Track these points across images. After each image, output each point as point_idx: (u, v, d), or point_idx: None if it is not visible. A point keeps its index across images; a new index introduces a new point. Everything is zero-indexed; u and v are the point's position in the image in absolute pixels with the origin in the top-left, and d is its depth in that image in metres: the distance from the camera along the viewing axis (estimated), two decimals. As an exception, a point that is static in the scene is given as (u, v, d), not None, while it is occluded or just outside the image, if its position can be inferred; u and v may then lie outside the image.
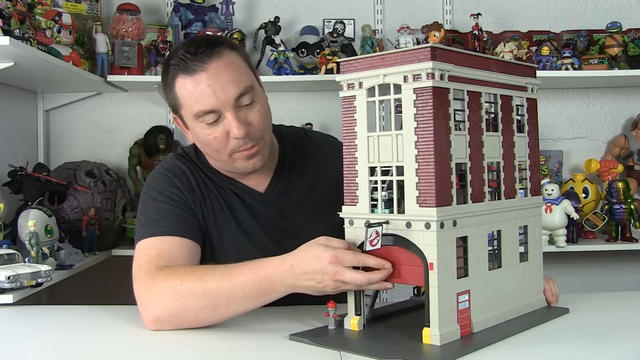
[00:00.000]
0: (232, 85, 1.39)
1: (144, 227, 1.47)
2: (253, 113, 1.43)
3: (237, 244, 1.52)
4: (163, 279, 1.31)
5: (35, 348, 1.22)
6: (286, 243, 1.39)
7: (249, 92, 1.42)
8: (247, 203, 1.55)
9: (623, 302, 1.55)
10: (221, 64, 1.40)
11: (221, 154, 1.45)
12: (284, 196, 1.58)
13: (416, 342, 1.11)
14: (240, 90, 1.40)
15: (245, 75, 1.44)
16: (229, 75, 1.40)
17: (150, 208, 1.49)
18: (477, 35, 2.63)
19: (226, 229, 1.52)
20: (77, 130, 2.84)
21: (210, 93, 1.38)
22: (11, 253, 1.64)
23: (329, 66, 2.56)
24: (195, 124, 1.43)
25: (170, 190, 1.50)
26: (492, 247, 1.24)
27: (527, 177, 1.34)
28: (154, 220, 1.46)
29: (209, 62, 1.38)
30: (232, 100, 1.39)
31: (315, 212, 1.57)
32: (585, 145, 2.94)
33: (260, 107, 1.45)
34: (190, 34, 2.70)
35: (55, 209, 2.22)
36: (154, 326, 1.30)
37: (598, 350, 1.14)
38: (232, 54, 1.44)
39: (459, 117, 1.16)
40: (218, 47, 1.41)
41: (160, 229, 1.44)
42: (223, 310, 1.27)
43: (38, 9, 2.15)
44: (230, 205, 1.54)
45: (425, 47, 1.10)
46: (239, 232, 1.52)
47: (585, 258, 2.86)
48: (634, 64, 2.62)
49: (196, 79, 1.38)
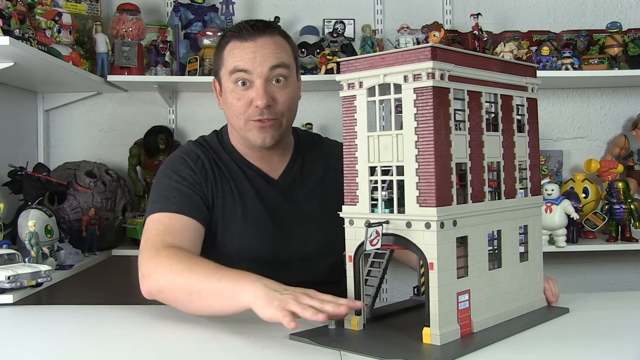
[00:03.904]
0: (272, 56, 1.53)
1: (155, 203, 1.54)
2: (281, 92, 1.55)
3: (242, 226, 1.58)
4: (164, 255, 1.39)
5: (35, 348, 1.22)
6: (294, 230, 1.57)
7: (284, 68, 1.55)
8: (258, 188, 1.63)
9: (623, 302, 1.56)
10: (270, 40, 1.55)
11: (239, 119, 1.56)
12: (296, 185, 1.67)
13: (416, 342, 1.11)
14: (277, 62, 1.53)
15: (287, 55, 1.57)
16: (272, 48, 1.54)
17: (163, 186, 1.57)
18: (477, 35, 2.63)
19: (233, 210, 1.59)
20: (77, 130, 2.84)
21: (251, 57, 1.53)
22: (11, 253, 1.64)
23: (329, 66, 2.56)
24: (229, 84, 1.56)
25: (184, 172, 1.58)
26: (492, 247, 1.24)
27: (527, 177, 1.34)
28: (164, 198, 1.54)
29: (259, 36, 1.55)
30: (267, 70, 1.52)
31: (323, 207, 1.63)
32: (585, 145, 2.94)
33: (290, 91, 1.57)
34: (190, 34, 2.70)
35: (55, 209, 2.22)
36: (147, 296, 1.39)
37: (598, 350, 1.14)
38: (282, 39, 1.59)
39: (459, 116, 1.16)
40: (272, 29, 1.58)
41: (169, 206, 1.52)
42: (195, 298, 1.30)
43: (38, 9, 2.15)
44: (241, 189, 1.61)
45: (426, 47, 1.10)
46: (245, 215, 1.59)
47: (585, 258, 2.86)
48: (634, 64, 2.62)
49: (245, 45, 1.54)
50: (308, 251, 1.63)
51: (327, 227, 1.35)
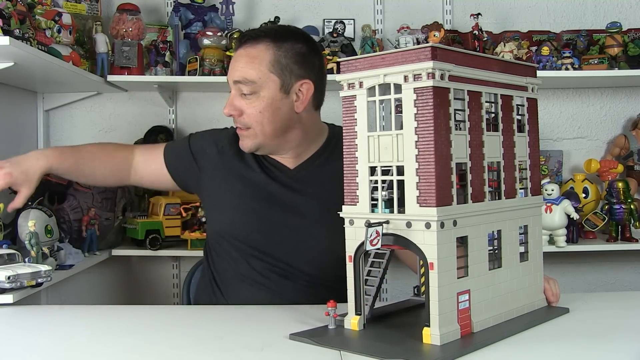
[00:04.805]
0: (238, 71, 1.63)
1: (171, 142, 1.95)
2: (247, 104, 1.63)
3: (237, 202, 1.71)
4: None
5: (35, 348, 1.22)
6: (292, 219, 1.66)
7: (247, 85, 1.61)
8: (268, 173, 1.72)
9: (623, 302, 1.56)
10: (244, 52, 1.64)
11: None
12: (312, 178, 1.72)
13: (416, 342, 1.11)
14: (238, 78, 1.62)
15: (254, 70, 1.61)
16: (243, 62, 1.63)
17: (183, 138, 1.88)
18: (477, 35, 2.63)
19: (229, 191, 1.73)
20: (77, 130, 2.84)
21: (230, 69, 1.67)
22: (11, 253, 1.64)
23: (329, 66, 2.55)
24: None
25: (202, 139, 1.83)
26: (492, 246, 1.24)
27: (527, 176, 1.34)
28: (172, 142, 1.97)
29: (241, 47, 1.66)
30: (232, 83, 1.64)
31: (333, 204, 1.63)
32: (585, 145, 2.94)
33: (258, 105, 1.62)
34: (190, 34, 2.70)
35: (55, 209, 2.22)
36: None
37: (598, 350, 1.14)
38: (264, 50, 1.62)
39: (459, 116, 1.16)
40: (258, 38, 1.64)
41: (167, 146, 1.84)
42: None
43: (38, 9, 2.15)
44: (244, 176, 1.73)
45: (426, 47, 1.10)
46: (243, 194, 1.71)
47: (585, 258, 2.86)
48: (634, 64, 2.62)
49: (234, 55, 1.69)
50: (302, 242, 1.66)
51: (328, 225, 1.39)
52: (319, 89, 1.69)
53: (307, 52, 1.66)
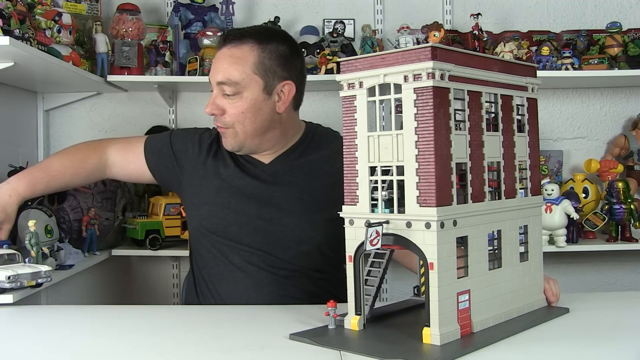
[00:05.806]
0: (220, 72, 1.64)
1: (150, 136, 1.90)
2: (230, 104, 1.65)
3: (214, 197, 1.73)
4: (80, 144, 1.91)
5: (35, 348, 1.22)
6: (265, 209, 1.69)
7: (230, 86, 1.62)
8: (242, 170, 1.75)
9: (623, 302, 1.56)
10: (228, 52, 1.64)
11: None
12: (285, 166, 1.75)
13: (416, 342, 1.11)
14: (221, 79, 1.63)
15: (238, 71, 1.62)
16: (225, 62, 1.64)
17: (164, 134, 1.90)
18: (477, 35, 2.63)
19: (206, 187, 1.75)
20: (77, 130, 2.84)
21: (213, 68, 1.68)
22: (11, 253, 1.64)
23: (329, 66, 2.56)
24: None
25: (185, 138, 1.83)
26: (492, 246, 1.24)
27: (527, 176, 1.34)
28: (152, 137, 1.88)
29: (224, 46, 1.66)
30: (215, 83, 1.65)
31: (308, 196, 1.71)
32: (585, 145, 2.94)
33: (241, 105, 1.64)
34: (190, 34, 2.70)
35: (55, 209, 2.22)
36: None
37: (598, 350, 1.14)
38: (249, 51, 1.63)
39: (459, 116, 1.16)
40: (243, 39, 1.65)
41: (147, 142, 1.84)
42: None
43: (38, 9, 2.14)
44: (221, 173, 1.75)
45: (426, 47, 1.10)
46: (219, 188, 1.74)
47: (585, 258, 2.85)
48: (634, 64, 2.62)
49: (217, 54, 1.69)
50: (276, 232, 1.68)
51: (300, 214, 1.50)
52: (300, 90, 1.73)
53: (290, 54, 1.69)
